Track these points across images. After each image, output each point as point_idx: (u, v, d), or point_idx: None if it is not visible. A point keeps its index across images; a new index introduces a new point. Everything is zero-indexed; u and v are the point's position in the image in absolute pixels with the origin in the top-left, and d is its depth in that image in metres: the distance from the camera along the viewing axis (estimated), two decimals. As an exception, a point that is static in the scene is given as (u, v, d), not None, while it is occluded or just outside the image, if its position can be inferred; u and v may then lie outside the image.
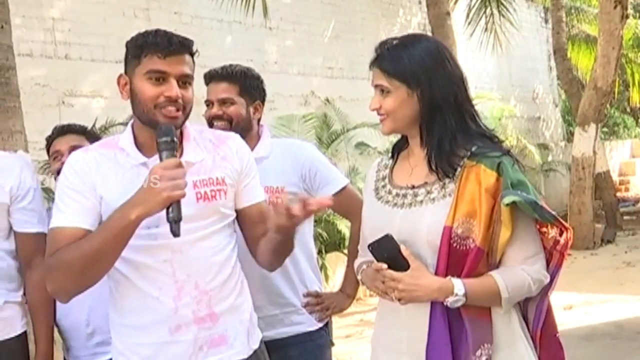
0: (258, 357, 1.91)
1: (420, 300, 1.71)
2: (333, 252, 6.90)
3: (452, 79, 1.79)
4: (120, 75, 1.83)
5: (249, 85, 2.39)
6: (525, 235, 1.74)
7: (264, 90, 2.47)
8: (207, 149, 1.88)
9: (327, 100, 8.75)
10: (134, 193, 1.66)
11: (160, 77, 1.76)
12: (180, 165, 1.66)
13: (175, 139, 1.70)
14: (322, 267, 6.22)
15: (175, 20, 7.02)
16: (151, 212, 1.64)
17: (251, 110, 2.39)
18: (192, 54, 1.84)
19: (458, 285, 1.68)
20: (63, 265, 1.69)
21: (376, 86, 1.81)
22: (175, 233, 1.65)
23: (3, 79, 3.80)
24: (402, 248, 1.71)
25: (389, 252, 1.71)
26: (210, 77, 2.40)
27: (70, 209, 1.75)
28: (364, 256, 1.92)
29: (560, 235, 1.77)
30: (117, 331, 1.85)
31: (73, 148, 2.26)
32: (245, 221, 1.93)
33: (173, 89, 1.76)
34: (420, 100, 1.76)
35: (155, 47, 1.76)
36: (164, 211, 1.64)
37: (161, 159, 1.68)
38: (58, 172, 2.33)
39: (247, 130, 2.36)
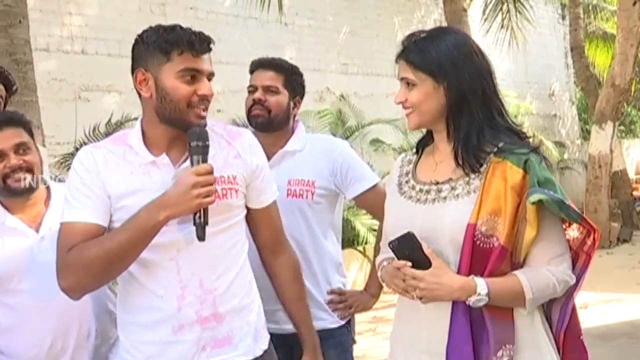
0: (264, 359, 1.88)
1: (442, 299, 1.68)
2: (347, 249, 6.89)
3: (480, 72, 1.76)
4: (139, 71, 1.77)
5: (294, 79, 2.42)
6: (551, 235, 1.71)
7: (304, 88, 2.50)
8: (219, 145, 1.84)
9: (342, 96, 8.73)
10: (163, 193, 1.66)
11: (193, 76, 1.74)
12: (212, 172, 1.67)
13: (207, 143, 1.70)
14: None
15: (190, 15, 7.04)
16: (181, 215, 1.66)
17: (291, 104, 2.42)
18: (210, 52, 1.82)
19: (481, 284, 1.65)
20: (83, 262, 1.67)
21: (402, 79, 1.79)
22: (201, 237, 1.67)
23: (20, 74, 3.82)
24: (424, 246, 1.68)
25: (410, 250, 1.68)
26: (259, 64, 2.44)
27: (82, 204, 1.73)
28: (386, 253, 1.89)
29: (588, 236, 1.74)
30: (124, 329, 1.84)
31: (18, 147, 2.07)
32: (251, 223, 1.93)
33: (207, 87, 1.75)
34: (447, 93, 1.74)
35: (189, 45, 1.74)
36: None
37: (192, 163, 1.68)
38: (3, 177, 2.06)
39: (284, 123, 2.39)
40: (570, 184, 12.25)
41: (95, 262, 1.66)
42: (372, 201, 2.38)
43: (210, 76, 1.79)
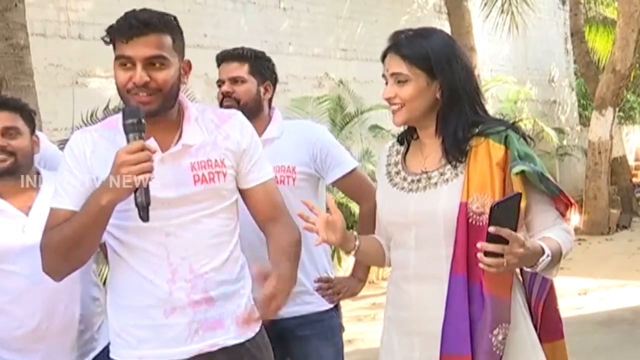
0: (257, 342, 1.88)
1: (525, 265, 1.66)
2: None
3: (469, 70, 1.81)
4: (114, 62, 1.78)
5: (259, 65, 2.43)
6: (545, 200, 1.77)
7: (274, 72, 2.50)
8: (208, 129, 1.84)
9: (341, 82, 8.69)
10: (106, 178, 1.65)
11: (127, 63, 1.72)
12: (144, 148, 1.62)
13: (142, 120, 1.66)
14: (335, 250, 6.22)
15: (188, 1, 6.99)
16: (120, 197, 1.64)
17: (261, 90, 2.42)
18: (166, 32, 1.75)
19: (544, 246, 1.67)
20: (50, 247, 1.73)
21: (392, 74, 1.79)
22: (143, 219, 1.64)
23: (17, 58, 3.81)
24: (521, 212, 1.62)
25: (512, 214, 1.58)
26: (222, 58, 2.45)
27: (65, 191, 1.76)
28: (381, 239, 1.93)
29: (566, 209, 1.79)
30: (115, 312, 1.85)
31: (6, 130, 2.13)
32: (251, 201, 1.91)
33: (137, 74, 1.71)
34: (441, 90, 1.77)
35: (117, 32, 1.72)
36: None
37: (128, 142, 1.64)
38: None
39: (257, 110, 2.40)
40: (570, 171, 12.24)
41: (57, 246, 1.71)
42: (351, 185, 2.45)
43: (153, 60, 1.72)
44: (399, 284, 1.88)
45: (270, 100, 2.48)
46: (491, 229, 1.55)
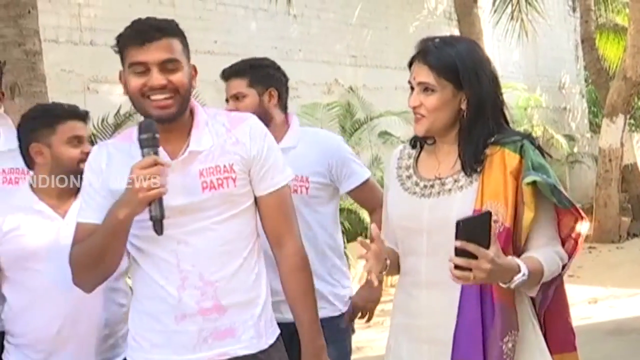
0: (271, 356, 1.86)
1: (496, 281, 1.65)
2: (354, 242, 6.87)
3: (495, 79, 1.80)
4: (121, 72, 1.81)
5: (258, 74, 2.45)
6: (547, 218, 1.76)
7: (278, 77, 2.51)
8: (218, 133, 1.83)
9: (351, 88, 8.69)
10: (123, 192, 1.68)
11: (141, 68, 1.73)
12: (155, 163, 1.64)
13: (156, 135, 1.68)
14: (345, 257, 6.22)
15: (199, 7, 7.02)
16: (135, 212, 1.67)
17: (265, 98, 2.43)
18: (175, 36, 1.77)
19: (521, 264, 1.65)
20: (77, 261, 1.78)
21: (419, 83, 1.77)
22: (157, 232, 1.67)
23: (30, 64, 3.84)
24: (493, 229, 1.61)
25: (481, 231, 1.57)
26: (224, 77, 2.50)
27: (88, 205, 1.81)
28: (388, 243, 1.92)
29: (576, 222, 1.77)
30: (134, 316, 1.88)
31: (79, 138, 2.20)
32: (261, 210, 1.88)
33: (154, 77, 1.72)
34: (467, 101, 1.75)
35: (129, 38, 1.74)
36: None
37: (142, 156, 1.67)
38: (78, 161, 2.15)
39: (266, 119, 2.39)
40: (580, 178, 12.19)
41: (82, 260, 1.76)
42: (364, 194, 2.52)
43: (167, 64, 1.73)
44: (408, 290, 1.86)
45: (282, 105, 2.49)
46: (457, 243, 1.54)
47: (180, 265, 1.77)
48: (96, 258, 1.75)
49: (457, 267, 1.56)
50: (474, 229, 1.57)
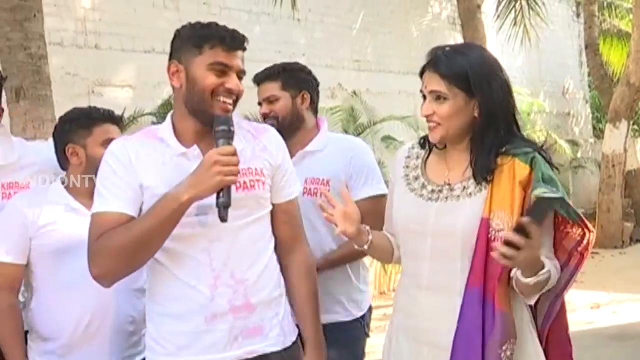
0: (294, 353, 1.91)
1: (527, 269, 1.66)
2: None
3: (507, 87, 1.80)
4: (172, 63, 1.83)
5: (291, 77, 2.49)
6: (547, 232, 1.76)
7: (310, 81, 2.55)
8: (246, 139, 1.90)
9: (355, 93, 8.71)
10: (187, 177, 1.69)
11: (223, 70, 1.79)
12: (235, 154, 1.70)
13: (232, 129, 1.74)
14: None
15: (204, 11, 7.04)
16: (203, 195, 1.68)
17: (298, 101, 2.48)
18: (244, 50, 1.87)
19: (547, 263, 1.67)
20: (112, 249, 1.71)
21: (431, 92, 1.79)
22: (223, 218, 1.69)
23: (35, 68, 3.85)
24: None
25: (539, 216, 1.60)
26: (257, 81, 2.53)
27: (112, 195, 1.77)
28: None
29: (583, 236, 1.76)
30: (154, 320, 1.86)
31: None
32: (277, 216, 1.94)
33: (234, 81, 1.80)
34: (479, 109, 1.76)
35: (220, 40, 1.79)
36: (214, 198, 1.68)
37: (217, 146, 1.72)
38: None
39: (298, 122, 2.47)
40: (584, 183, 12.17)
41: (124, 248, 1.70)
42: (370, 209, 2.28)
43: (240, 74, 1.83)
44: (410, 292, 1.88)
45: (314, 109, 2.54)
46: (526, 219, 1.56)
47: (213, 264, 1.79)
48: (141, 246, 1.70)
49: (507, 243, 1.56)
50: (539, 212, 1.60)
